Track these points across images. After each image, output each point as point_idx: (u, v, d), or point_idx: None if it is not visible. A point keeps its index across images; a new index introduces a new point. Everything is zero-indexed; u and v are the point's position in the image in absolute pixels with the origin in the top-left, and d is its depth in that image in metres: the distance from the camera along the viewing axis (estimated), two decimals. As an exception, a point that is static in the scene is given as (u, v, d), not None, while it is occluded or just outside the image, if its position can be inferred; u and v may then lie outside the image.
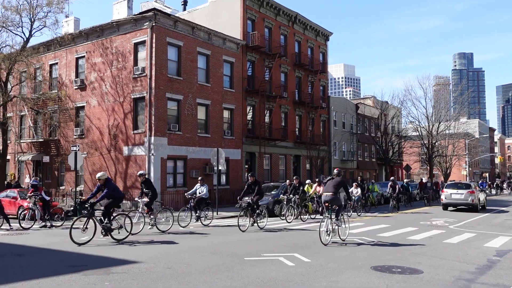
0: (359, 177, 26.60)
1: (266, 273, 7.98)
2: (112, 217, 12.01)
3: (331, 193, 11.62)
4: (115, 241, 11.59)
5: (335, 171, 12.39)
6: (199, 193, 16.20)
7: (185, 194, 17.01)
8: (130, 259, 9.20)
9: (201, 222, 16.09)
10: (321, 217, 13.44)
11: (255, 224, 14.82)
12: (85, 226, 11.45)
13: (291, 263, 8.92)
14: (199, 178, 17.18)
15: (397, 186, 25.18)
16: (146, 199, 14.25)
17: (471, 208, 24.60)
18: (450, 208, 25.71)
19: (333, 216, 11.50)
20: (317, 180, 20.39)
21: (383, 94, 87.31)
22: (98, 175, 12.24)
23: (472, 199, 24.37)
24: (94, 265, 8.60)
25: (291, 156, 36.09)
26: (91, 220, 11.57)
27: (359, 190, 22.10)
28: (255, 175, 15.63)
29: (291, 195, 18.82)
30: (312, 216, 19.21)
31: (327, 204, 11.65)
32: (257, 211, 14.87)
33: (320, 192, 16.27)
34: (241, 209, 15.01)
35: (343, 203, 13.09)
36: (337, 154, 43.66)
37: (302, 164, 37.40)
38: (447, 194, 25.23)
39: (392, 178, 27.88)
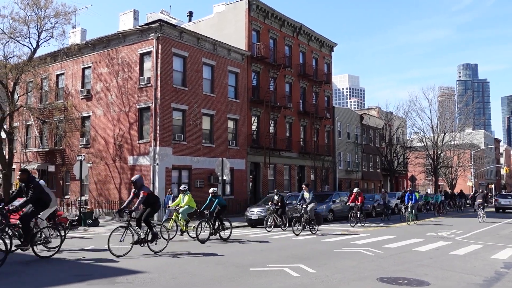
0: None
1: (272, 284, 7.93)
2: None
3: (482, 200, 24.64)
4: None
5: (480, 190, 28.71)
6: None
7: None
8: (135, 269, 9.17)
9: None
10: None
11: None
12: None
13: (297, 274, 8.86)
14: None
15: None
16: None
17: None
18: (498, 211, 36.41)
19: (482, 210, 24.25)
20: (176, 195, 15.49)
21: (387, 104, 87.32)
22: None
23: None
24: (99, 275, 8.59)
25: (296, 167, 36.04)
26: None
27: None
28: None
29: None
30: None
31: (480, 205, 24.35)
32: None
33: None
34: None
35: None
36: (341, 164, 43.55)
37: (307, 174, 37.31)
38: (498, 201, 37.37)
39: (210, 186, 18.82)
